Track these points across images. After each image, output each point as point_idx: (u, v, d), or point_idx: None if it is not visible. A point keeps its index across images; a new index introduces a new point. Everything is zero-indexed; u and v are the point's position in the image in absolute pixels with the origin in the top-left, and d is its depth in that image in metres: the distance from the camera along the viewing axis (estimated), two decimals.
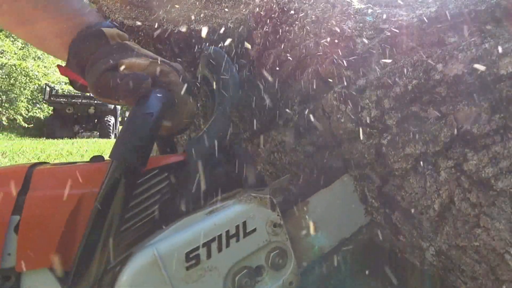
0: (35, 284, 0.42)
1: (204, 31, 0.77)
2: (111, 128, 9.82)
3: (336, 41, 0.66)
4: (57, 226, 0.43)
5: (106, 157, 0.50)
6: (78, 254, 0.42)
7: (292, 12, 0.76)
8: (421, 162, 0.52)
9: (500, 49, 0.44)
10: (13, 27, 0.57)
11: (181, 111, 0.57)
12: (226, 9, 0.80)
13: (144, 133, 0.46)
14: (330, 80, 0.67)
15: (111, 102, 0.55)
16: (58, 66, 0.61)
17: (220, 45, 0.77)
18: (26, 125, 10.37)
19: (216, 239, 0.49)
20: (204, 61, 0.62)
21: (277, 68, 0.76)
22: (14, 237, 0.41)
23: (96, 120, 10.17)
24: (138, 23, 0.84)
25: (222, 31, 0.78)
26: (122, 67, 0.52)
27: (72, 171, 0.48)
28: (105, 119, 9.94)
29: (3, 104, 9.67)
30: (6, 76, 9.24)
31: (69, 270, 0.43)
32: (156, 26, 0.82)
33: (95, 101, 9.62)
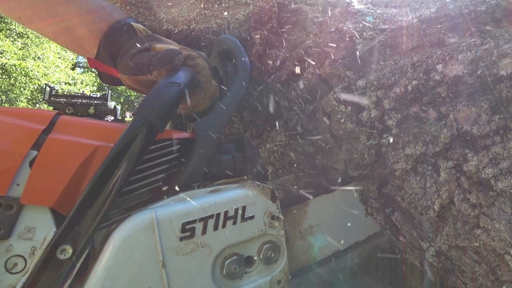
0: (33, 219, 0.43)
1: (205, 31, 0.77)
2: None
3: (336, 41, 0.66)
4: (68, 170, 0.44)
5: None
6: (78, 202, 0.42)
7: (292, 12, 0.76)
8: (421, 163, 0.52)
9: (500, 49, 0.44)
10: (46, 26, 0.61)
11: (204, 91, 0.60)
12: (227, 9, 0.80)
13: (169, 98, 0.48)
14: (330, 80, 0.67)
15: (142, 80, 0.57)
16: (88, 59, 0.64)
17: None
18: None
19: (214, 217, 0.49)
20: (217, 48, 0.65)
21: (277, 68, 0.76)
22: (26, 170, 0.43)
23: None
24: None
25: (222, 31, 0.78)
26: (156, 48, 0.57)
27: (93, 125, 0.51)
28: (105, 119, 9.92)
29: (3, 104, 9.66)
30: (6, 76, 9.23)
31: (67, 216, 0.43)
32: (156, 26, 0.81)
33: (95, 101, 9.60)
